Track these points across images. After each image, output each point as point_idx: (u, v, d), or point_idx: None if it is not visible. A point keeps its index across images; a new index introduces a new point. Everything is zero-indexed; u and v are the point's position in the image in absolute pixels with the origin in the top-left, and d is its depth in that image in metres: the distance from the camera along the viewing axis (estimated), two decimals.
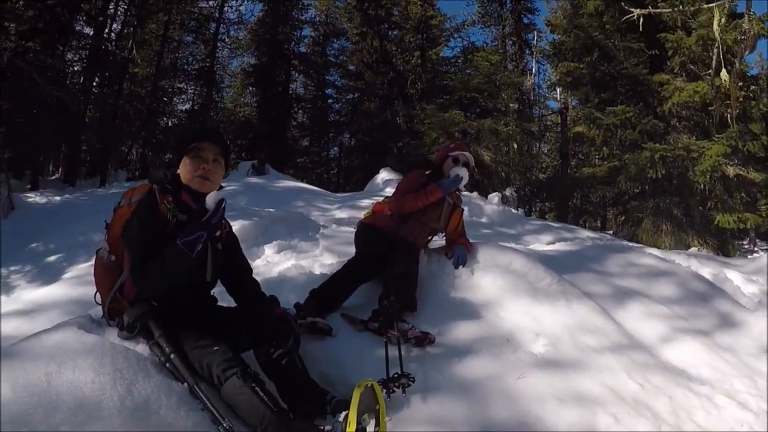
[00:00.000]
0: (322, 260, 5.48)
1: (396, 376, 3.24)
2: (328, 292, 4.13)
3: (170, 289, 2.74)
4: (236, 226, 6.32)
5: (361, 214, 10.32)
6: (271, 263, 5.67)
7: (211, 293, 3.22)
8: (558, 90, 24.51)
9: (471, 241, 4.82)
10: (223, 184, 3.09)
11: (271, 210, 8.32)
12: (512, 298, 4.22)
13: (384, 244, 4.34)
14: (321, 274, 4.83)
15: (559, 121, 25.41)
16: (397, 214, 4.57)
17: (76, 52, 21.18)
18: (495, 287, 4.33)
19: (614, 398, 3.32)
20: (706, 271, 5.95)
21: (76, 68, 21.32)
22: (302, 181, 21.32)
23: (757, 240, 19.59)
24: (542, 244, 8.06)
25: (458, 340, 3.80)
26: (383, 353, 3.43)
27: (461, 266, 4.50)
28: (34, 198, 12.74)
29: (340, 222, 8.75)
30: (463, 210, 4.93)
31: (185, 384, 2.61)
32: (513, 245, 6.24)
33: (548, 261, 4.99)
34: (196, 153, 2.92)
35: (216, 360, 2.62)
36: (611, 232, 18.04)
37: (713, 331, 4.31)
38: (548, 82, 26.68)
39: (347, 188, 25.68)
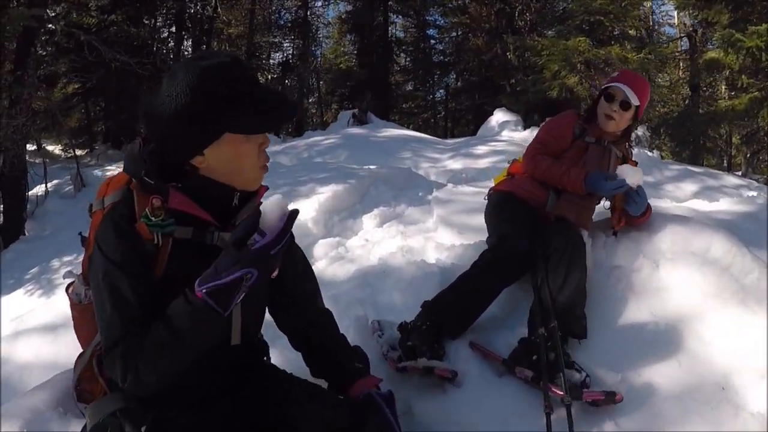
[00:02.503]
0: (437, 238, 4.23)
1: None
2: (452, 307, 2.82)
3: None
4: (328, 192, 5.25)
5: (477, 164, 9.29)
6: (370, 242, 4.48)
7: (258, 340, 1.97)
8: (675, 15, 22.28)
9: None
10: (317, 137, 1.82)
11: (372, 167, 7.09)
12: (716, 307, 2.82)
13: (532, 224, 2.98)
14: (437, 262, 3.58)
15: (679, 50, 22.99)
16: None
17: (164, 19, 20.67)
18: (691, 289, 2.91)
19: None
20: None
21: (164, 35, 21.00)
22: (408, 127, 20.25)
23: None
24: (690, 196, 6.72)
25: (651, 394, 2.51)
26: (542, 424, 2.20)
27: (642, 209, 3.05)
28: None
29: (456, 177, 7.44)
30: (637, 164, 3.38)
31: None
32: (678, 205, 4.79)
33: (727, 227, 3.58)
34: (263, 128, 1.63)
35: None
36: (740, 173, 16.27)
37: None
38: (669, 2, 24.02)
39: (455, 132, 24.46)
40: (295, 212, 1.48)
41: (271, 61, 28.31)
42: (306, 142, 12.11)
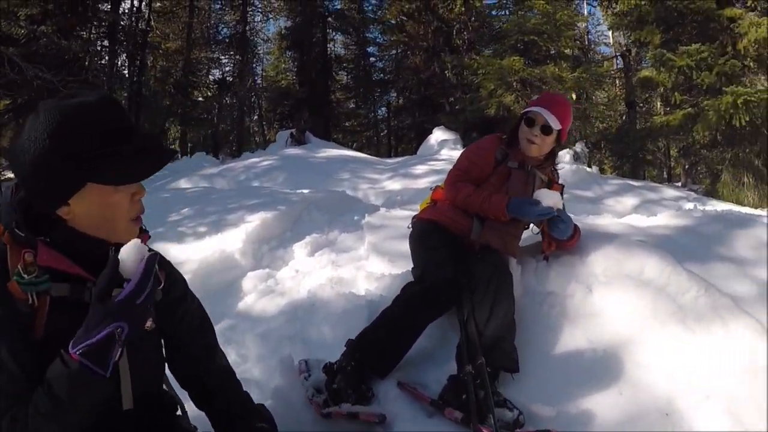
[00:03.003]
0: (368, 267, 4.13)
1: None
2: (376, 346, 2.70)
3: None
4: (257, 221, 5.10)
5: (416, 184, 9.21)
6: (300, 273, 4.35)
7: (162, 398, 1.79)
8: (610, 35, 22.96)
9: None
10: (255, 158, 1.68)
11: (305, 191, 6.96)
12: (654, 330, 2.75)
13: (456, 254, 2.88)
14: (366, 294, 3.48)
15: (614, 68, 23.74)
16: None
17: (97, 31, 19.95)
18: (627, 312, 2.85)
19: None
20: None
21: (98, 48, 20.21)
22: (351, 145, 20.14)
23: None
24: (630, 210, 6.81)
25: (590, 427, 2.42)
26: None
27: (569, 235, 2.95)
28: None
29: (390, 200, 7.33)
30: (563, 187, 3.33)
31: None
32: (617, 221, 4.80)
33: (663, 245, 3.61)
34: (131, 177, 1.44)
35: None
36: (679, 184, 16.82)
37: None
38: (604, 22, 24.77)
39: (399, 150, 24.51)
40: (153, 256, 1.33)
41: (210, 77, 27.91)
42: (244, 164, 11.88)
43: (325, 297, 3.57)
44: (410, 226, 3.24)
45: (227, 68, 27.89)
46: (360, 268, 4.10)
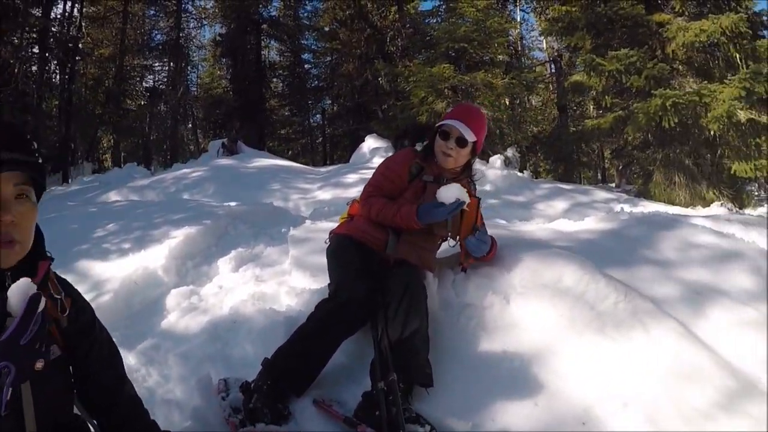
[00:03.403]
0: (291, 282, 4.13)
1: None
2: (291, 364, 2.71)
3: None
4: (180, 236, 5.05)
5: (347, 194, 9.18)
6: (223, 289, 4.33)
7: (74, 426, 1.75)
8: (543, 40, 23.52)
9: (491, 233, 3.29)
10: (186, 169, 1.61)
11: (232, 204, 6.92)
12: (571, 338, 2.82)
13: (371, 269, 2.92)
14: (287, 310, 3.50)
15: (548, 73, 24.26)
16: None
17: (28, 37, 19.24)
18: (544, 322, 2.92)
19: None
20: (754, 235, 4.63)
21: (28, 54, 19.53)
22: (287, 153, 20.00)
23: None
24: (560, 214, 6.93)
25: None
26: None
27: (484, 253, 3.07)
28: None
29: (317, 212, 7.32)
30: (480, 200, 3.31)
31: None
32: (543, 227, 4.95)
33: (588, 250, 3.75)
34: None
35: None
36: (614, 184, 17.35)
37: None
38: (538, 28, 25.26)
39: (335, 157, 24.49)
40: (37, 296, 1.31)
41: (144, 84, 27.40)
42: (174, 176, 11.69)
43: (247, 314, 3.57)
44: (327, 240, 3.26)
45: (160, 76, 27.42)
46: (282, 283, 4.10)
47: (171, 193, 10.48)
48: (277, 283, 4.10)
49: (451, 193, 2.83)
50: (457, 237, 3.09)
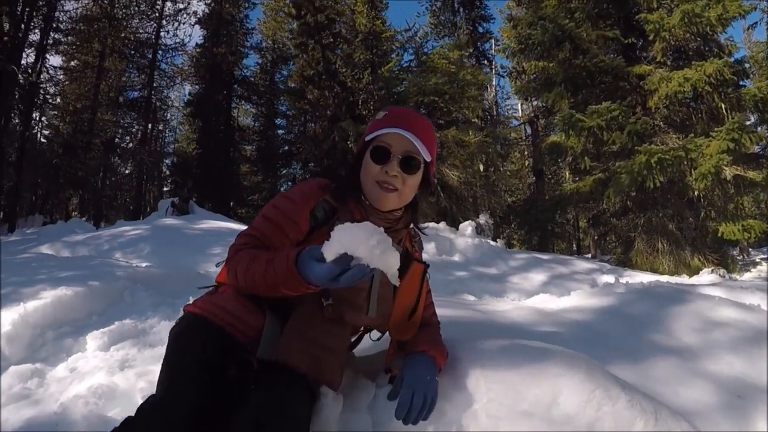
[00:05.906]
0: (157, 371, 2.97)
1: None
2: None
3: None
4: (49, 297, 3.91)
5: None
6: (74, 374, 3.07)
7: None
8: (519, 105, 23.80)
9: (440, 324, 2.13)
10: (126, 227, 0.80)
11: (141, 266, 5.81)
12: None
13: (213, 380, 1.69)
14: (120, 418, 2.36)
15: (523, 136, 24.04)
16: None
17: None
18: None
19: None
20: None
21: None
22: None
23: (750, 249, 18.12)
24: (538, 287, 6.14)
25: None
26: None
27: (420, 419, 1.71)
28: None
29: None
30: (427, 269, 2.07)
31: None
32: (520, 305, 3.94)
33: (581, 337, 2.94)
34: None
35: None
36: (589, 255, 16.69)
37: None
38: (512, 95, 25.20)
39: None
40: None
41: (117, 140, 26.57)
42: (111, 233, 10.58)
43: (73, 416, 2.43)
44: (177, 320, 1.91)
45: (128, 132, 26.62)
46: (145, 374, 2.91)
47: (104, 252, 9.35)
48: (138, 374, 2.90)
49: (345, 239, 1.46)
50: (384, 327, 1.96)
